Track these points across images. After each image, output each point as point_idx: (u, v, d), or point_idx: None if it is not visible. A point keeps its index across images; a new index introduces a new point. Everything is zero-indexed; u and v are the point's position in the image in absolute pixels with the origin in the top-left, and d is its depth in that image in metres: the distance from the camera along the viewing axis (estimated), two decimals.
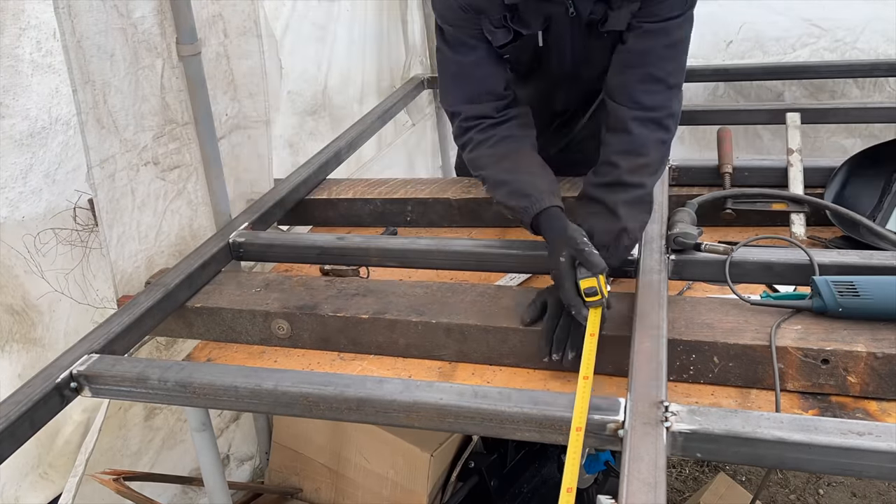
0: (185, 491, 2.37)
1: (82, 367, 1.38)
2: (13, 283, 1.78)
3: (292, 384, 1.28)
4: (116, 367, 1.39)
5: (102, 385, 1.39)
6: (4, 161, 1.70)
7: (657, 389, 1.17)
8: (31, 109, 1.74)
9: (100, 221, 1.71)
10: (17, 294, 1.80)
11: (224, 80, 2.04)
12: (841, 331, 1.37)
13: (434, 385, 1.24)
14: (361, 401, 1.24)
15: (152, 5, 1.75)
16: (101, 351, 1.44)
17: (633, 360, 1.26)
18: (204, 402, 1.38)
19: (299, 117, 2.76)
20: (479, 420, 1.19)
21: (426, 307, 1.60)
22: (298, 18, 2.66)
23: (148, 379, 1.35)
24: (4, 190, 1.71)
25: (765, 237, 1.73)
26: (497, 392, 1.20)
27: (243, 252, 1.89)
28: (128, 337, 1.53)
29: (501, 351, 1.53)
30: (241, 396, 1.31)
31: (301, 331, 1.65)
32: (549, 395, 1.20)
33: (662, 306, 1.39)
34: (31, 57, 1.72)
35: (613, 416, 1.13)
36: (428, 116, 3.72)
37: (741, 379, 1.39)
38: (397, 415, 1.23)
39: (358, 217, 2.30)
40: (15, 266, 1.78)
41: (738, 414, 1.11)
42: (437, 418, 1.21)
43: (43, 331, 1.86)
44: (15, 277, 1.78)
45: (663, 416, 1.11)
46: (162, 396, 1.36)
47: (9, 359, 1.82)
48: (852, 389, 1.33)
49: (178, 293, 1.69)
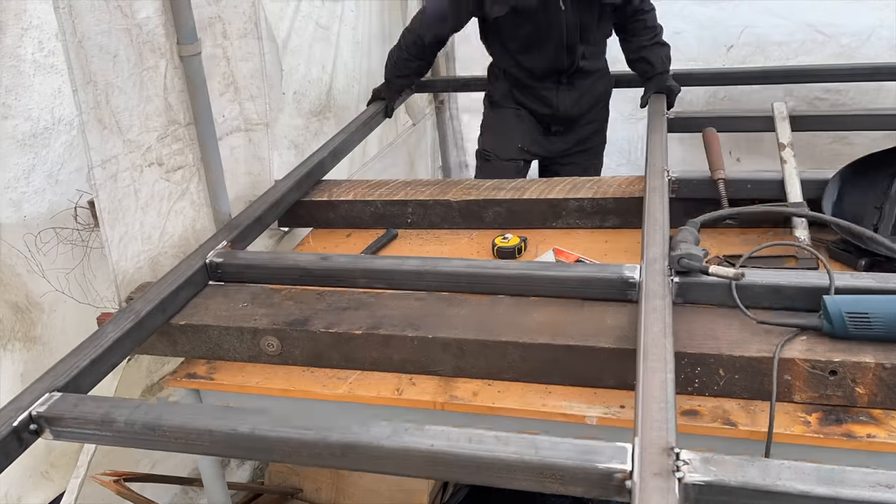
0: (186, 491, 2.36)
1: (42, 408, 1.26)
2: (16, 281, 1.77)
3: (271, 428, 1.17)
4: (79, 407, 1.26)
5: (64, 427, 1.26)
6: (7, 162, 1.69)
7: (666, 432, 1.08)
8: (34, 110, 1.73)
9: (101, 221, 1.69)
10: (21, 292, 1.79)
11: (223, 81, 2.03)
12: (848, 342, 1.36)
13: (425, 429, 1.14)
14: (346, 447, 1.14)
15: (157, 6, 1.74)
16: (64, 388, 1.32)
17: (638, 400, 1.16)
18: (175, 447, 1.24)
19: (304, 118, 2.75)
20: (474, 468, 1.10)
21: (422, 321, 1.56)
22: (303, 19, 2.65)
23: (114, 421, 1.23)
24: (7, 190, 1.71)
25: (772, 245, 1.72)
26: (493, 437, 1.11)
27: (221, 273, 1.77)
28: (94, 372, 1.40)
29: (501, 366, 1.50)
30: (215, 440, 1.20)
31: (292, 348, 1.61)
32: (549, 441, 1.09)
33: (668, 335, 1.29)
34: (33, 57, 1.71)
35: (620, 464, 1.04)
36: (428, 116, 3.71)
37: (747, 391, 1.38)
38: (385, 462, 1.13)
39: (359, 218, 2.29)
40: (17, 265, 1.77)
41: (755, 463, 1.02)
42: (428, 466, 1.12)
43: (42, 329, 1.85)
44: (18, 276, 1.77)
45: (674, 466, 1.02)
46: (129, 440, 1.25)
47: (11, 357, 1.81)
48: (860, 400, 1.33)
49: (150, 321, 1.56)
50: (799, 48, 3.30)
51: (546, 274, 1.60)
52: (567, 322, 1.50)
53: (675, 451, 1.04)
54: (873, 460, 1.30)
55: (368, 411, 1.57)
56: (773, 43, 3.34)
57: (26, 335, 1.83)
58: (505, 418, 1.47)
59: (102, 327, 1.49)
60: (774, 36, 3.33)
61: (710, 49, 3.43)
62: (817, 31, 3.25)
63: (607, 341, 1.43)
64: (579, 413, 1.40)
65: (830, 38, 3.24)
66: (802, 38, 3.28)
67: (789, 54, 3.32)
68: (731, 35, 3.42)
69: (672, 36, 2.78)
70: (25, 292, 1.80)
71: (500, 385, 1.50)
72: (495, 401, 1.46)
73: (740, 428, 1.33)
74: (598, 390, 1.45)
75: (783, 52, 3.34)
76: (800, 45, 3.30)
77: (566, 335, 1.46)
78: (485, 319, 1.54)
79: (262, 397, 1.61)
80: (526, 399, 1.46)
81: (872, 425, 1.30)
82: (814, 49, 3.28)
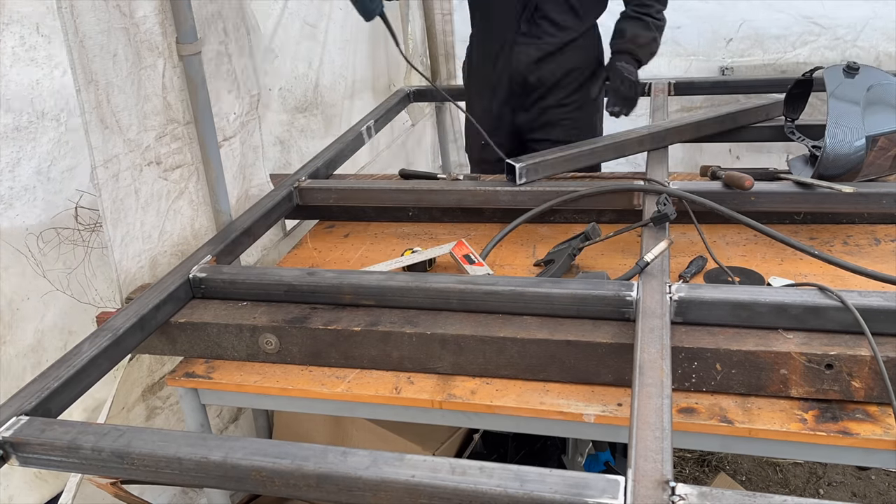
0: (185, 491, 2.37)
1: (8, 433, 1.21)
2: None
3: (243, 456, 1.13)
4: (47, 432, 1.21)
5: (31, 453, 1.21)
6: None
7: (662, 464, 1.03)
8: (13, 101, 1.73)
9: (104, 221, 1.70)
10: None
11: (228, 78, 2.04)
12: (844, 335, 1.37)
13: (405, 459, 1.09)
14: (322, 477, 1.09)
15: (154, 5, 1.75)
16: (33, 412, 1.27)
17: (633, 427, 1.10)
18: (144, 475, 1.19)
19: (290, 115, 2.77)
20: (457, 502, 1.04)
21: (419, 317, 1.57)
22: (290, 16, 2.67)
23: (80, 448, 1.19)
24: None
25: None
26: (478, 467, 1.05)
27: (205, 289, 1.74)
28: (65, 394, 1.35)
29: (499, 362, 1.50)
30: (185, 469, 1.16)
31: (290, 345, 1.62)
32: (536, 473, 1.03)
33: (666, 357, 1.26)
34: (13, 51, 1.72)
35: (611, 499, 0.97)
36: (428, 116, 3.72)
37: (744, 386, 1.39)
38: (363, 493, 1.08)
39: (361, 211, 2.32)
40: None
41: (756, 498, 0.96)
42: (408, 498, 1.07)
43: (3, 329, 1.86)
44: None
45: (669, 501, 0.97)
46: (97, 468, 1.20)
47: None
48: (856, 395, 1.34)
49: (128, 339, 1.51)
50: (796, 40, 3.34)
51: (539, 291, 1.55)
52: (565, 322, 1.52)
53: (670, 484, 0.99)
54: (869, 457, 1.31)
55: (367, 410, 1.59)
56: (771, 36, 3.39)
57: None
58: (503, 416, 1.48)
59: (78, 346, 1.44)
60: (772, 29, 3.38)
61: (710, 42, 3.47)
62: (814, 23, 3.30)
63: (605, 337, 1.43)
64: (577, 411, 1.41)
65: (826, 30, 3.29)
66: (799, 30, 3.33)
67: (787, 47, 3.37)
68: (730, 29, 3.47)
69: (673, 30, 2.81)
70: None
71: (498, 383, 1.51)
72: (493, 399, 1.47)
73: (737, 426, 1.33)
74: (595, 388, 1.46)
75: (780, 44, 3.38)
76: (797, 38, 3.34)
77: (565, 331, 1.47)
78: (482, 319, 1.55)
79: (260, 397, 1.62)
80: (524, 397, 1.46)
81: (869, 423, 1.31)
82: (810, 41, 3.31)
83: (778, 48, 3.39)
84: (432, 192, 2.14)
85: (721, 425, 1.34)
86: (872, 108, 1.91)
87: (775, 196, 1.91)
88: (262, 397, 1.63)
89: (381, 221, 2.33)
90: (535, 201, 2.00)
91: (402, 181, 2.37)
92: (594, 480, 1.00)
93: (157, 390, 1.93)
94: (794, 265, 1.84)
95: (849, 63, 1.96)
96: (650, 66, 3.25)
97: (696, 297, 1.45)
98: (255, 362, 1.66)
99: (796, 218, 2.03)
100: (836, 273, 1.66)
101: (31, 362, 1.88)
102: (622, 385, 1.44)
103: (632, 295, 1.47)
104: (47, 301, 1.91)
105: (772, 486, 2.84)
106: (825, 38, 3.32)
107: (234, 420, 2.61)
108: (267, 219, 2.06)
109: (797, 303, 1.40)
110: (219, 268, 1.79)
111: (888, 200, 1.85)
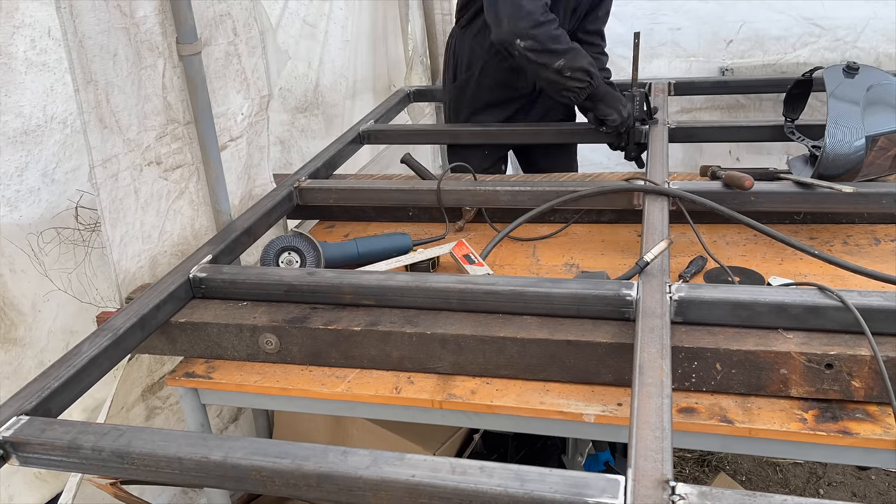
0: (185, 491, 2.37)
1: (8, 433, 1.22)
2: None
3: (243, 456, 1.13)
4: (47, 432, 1.21)
5: (31, 453, 1.22)
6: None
7: (662, 464, 1.03)
8: (25, 107, 1.73)
9: (102, 221, 1.70)
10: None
11: (237, 78, 2.04)
12: (844, 335, 1.37)
13: (405, 458, 1.09)
14: (322, 477, 1.09)
15: (154, 5, 1.75)
16: (33, 411, 1.27)
17: (633, 427, 1.10)
18: (144, 475, 1.19)
19: (290, 114, 2.78)
20: (457, 501, 1.04)
21: (419, 317, 1.57)
22: (290, 16, 2.68)
23: (80, 448, 1.19)
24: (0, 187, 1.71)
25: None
26: (478, 467, 1.05)
27: (205, 289, 1.74)
28: (65, 393, 1.36)
29: (499, 362, 1.50)
30: (185, 469, 1.15)
31: (290, 345, 1.62)
32: (537, 473, 1.03)
33: (666, 357, 1.25)
34: (25, 55, 1.72)
35: (611, 499, 0.97)
36: (428, 116, 3.71)
37: (744, 386, 1.39)
38: (363, 493, 1.08)
39: (361, 211, 2.33)
40: (1, 265, 1.77)
41: (756, 498, 0.96)
42: (408, 498, 1.07)
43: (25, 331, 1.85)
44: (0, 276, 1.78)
45: (669, 501, 0.97)
46: (97, 468, 1.20)
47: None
48: (856, 394, 1.34)
49: (128, 339, 1.51)
50: (797, 42, 3.34)
51: (539, 291, 1.54)
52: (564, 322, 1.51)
53: (670, 484, 0.99)
54: (869, 457, 1.31)
55: (367, 410, 1.58)
56: (771, 37, 3.39)
57: (4, 336, 1.84)
58: (503, 416, 1.48)
59: (78, 346, 1.44)
60: (772, 30, 3.38)
61: (710, 44, 3.47)
62: (814, 24, 3.30)
63: (605, 336, 1.44)
64: (577, 411, 1.41)
65: (826, 31, 3.29)
66: (800, 31, 3.33)
67: (787, 48, 3.37)
68: (730, 30, 3.46)
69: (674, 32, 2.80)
70: (2, 293, 1.80)
71: (498, 383, 1.51)
72: (493, 399, 1.47)
73: (737, 426, 1.33)
74: (595, 387, 1.46)
75: (781, 45, 3.38)
76: (797, 39, 3.34)
77: (565, 331, 1.47)
78: (482, 319, 1.55)
79: (260, 397, 1.62)
80: (524, 397, 1.46)
81: (869, 422, 1.31)
82: (811, 42, 3.31)
83: (778, 49, 3.39)
84: (432, 192, 2.14)
85: (721, 425, 1.34)
86: (872, 108, 1.91)
87: (775, 196, 1.91)
88: (262, 397, 1.63)
89: (381, 221, 2.34)
90: (535, 201, 2.00)
91: (403, 181, 2.37)
92: (594, 480, 1.00)
93: (156, 390, 1.93)
94: (794, 265, 1.84)
95: (848, 63, 1.96)
96: (650, 67, 3.27)
97: (696, 296, 1.45)
98: (255, 362, 1.66)
99: (796, 218, 2.04)
100: (836, 273, 1.66)
101: (36, 363, 1.89)
102: (622, 385, 1.44)
103: (632, 295, 1.47)
104: (50, 301, 1.91)
105: (772, 486, 2.84)
106: (825, 40, 3.32)
107: (234, 420, 2.60)
108: (267, 219, 2.07)
109: (797, 302, 1.40)
110: (219, 267, 1.79)
111: (888, 200, 1.85)
